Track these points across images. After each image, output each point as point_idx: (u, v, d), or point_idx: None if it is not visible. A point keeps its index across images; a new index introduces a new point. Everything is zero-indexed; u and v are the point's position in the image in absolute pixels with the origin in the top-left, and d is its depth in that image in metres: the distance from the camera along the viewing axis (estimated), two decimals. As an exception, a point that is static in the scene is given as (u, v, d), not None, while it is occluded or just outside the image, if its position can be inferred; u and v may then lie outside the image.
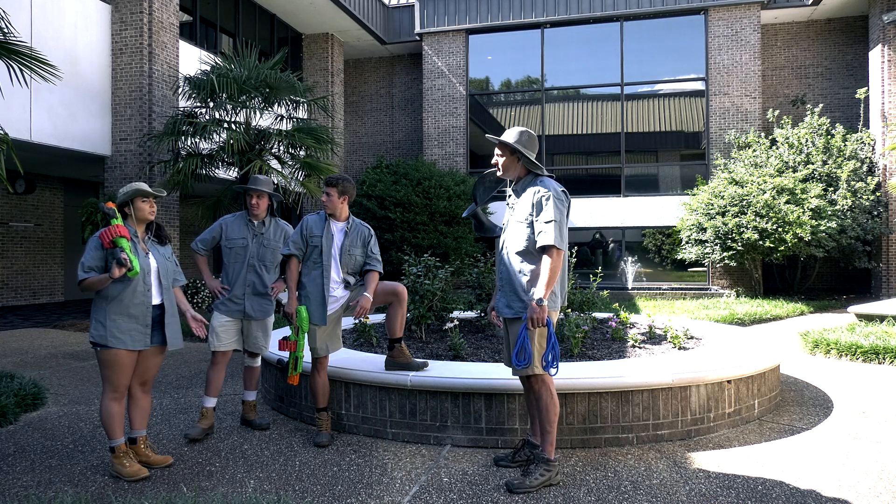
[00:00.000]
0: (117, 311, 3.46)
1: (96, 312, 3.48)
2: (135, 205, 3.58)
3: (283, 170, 10.41)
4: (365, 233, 4.22)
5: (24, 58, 5.45)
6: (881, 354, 6.61)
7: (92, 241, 3.49)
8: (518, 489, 3.25)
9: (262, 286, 4.36)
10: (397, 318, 4.19)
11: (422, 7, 16.68)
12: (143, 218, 3.61)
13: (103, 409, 3.50)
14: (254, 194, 4.37)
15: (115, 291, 3.45)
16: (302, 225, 4.12)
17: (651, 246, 15.39)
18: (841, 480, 3.41)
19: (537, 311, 3.16)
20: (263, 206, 4.40)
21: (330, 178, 4.12)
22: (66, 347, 7.94)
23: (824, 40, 15.66)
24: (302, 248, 4.08)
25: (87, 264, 3.44)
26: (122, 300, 3.46)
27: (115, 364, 3.46)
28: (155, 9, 10.40)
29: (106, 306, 3.46)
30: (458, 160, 16.54)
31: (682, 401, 4.10)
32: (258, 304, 4.37)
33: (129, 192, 3.56)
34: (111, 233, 3.41)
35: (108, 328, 3.43)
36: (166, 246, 3.77)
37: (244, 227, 4.39)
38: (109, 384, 3.49)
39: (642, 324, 6.40)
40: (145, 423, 3.69)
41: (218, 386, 4.33)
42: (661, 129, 15.69)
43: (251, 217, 4.40)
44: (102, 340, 3.43)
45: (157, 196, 3.67)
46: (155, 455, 3.67)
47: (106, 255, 3.46)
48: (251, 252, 4.34)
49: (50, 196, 13.56)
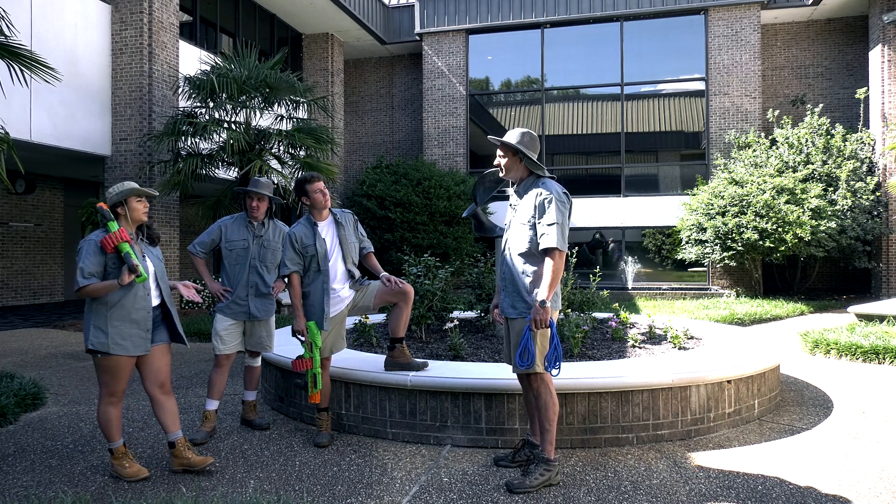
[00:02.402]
0: (119, 316, 3.37)
1: (95, 319, 3.37)
2: (129, 205, 3.46)
3: (283, 170, 10.41)
4: (350, 218, 4.28)
5: (24, 60, 5.46)
6: (881, 354, 6.61)
7: (89, 246, 3.36)
8: (518, 489, 3.25)
9: (264, 287, 4.36)
10: (401, 319, 4.19)
11: (422, 7, 16.68)
12: (137, 219, 3.50)
13: (101, 414, 3.46)
14: (254, 197, 4.36)
15: (115, 297, 3.36)
16: (290, 239, 4.03)
17: (651, 246, 15.39)
18: (841, 480, 3.41)
19: (541, 313, 3.18)
20: (263, 208, 4.40)
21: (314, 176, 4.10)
22: (66, 347, 7.94)
23: (824, 40, 15.66)
24: (300, 262, 4.03)
25: (88, 270, 3.31)
26: (124, 305, 3.38)
27: (115, 370, 3.41)
28: (155, 9, 10.40)
29: (106, 312, 3.36)
30: (458, 160, 16.54)
31: (682, 401, 4.10)
32: (262, 304, 4.37)
33: (123, 191, 3.44)
34: (114, 238, 3.30)
35: (109, 335, 3.34)
36: (156, 247, 3.70)
37: (244, 228, 4.38)
38: (107, 389, 3.44)
39: (642, 324, 6.40)
40: (178, 424, 3.58)
41: (221, 389, 4.33)
42: (661, 129, 15.69)
43: (251, 219, 4.40)
44: (104, 348, 3.34)
45: (152, 196, 3.60)
46: (195, 456, 3.56)
47: (105, 261, 3.36)
48: (252, 253, 4.34)
49: (50, 196, 13.56)
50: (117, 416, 3.48)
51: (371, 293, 4.19)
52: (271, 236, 4.45)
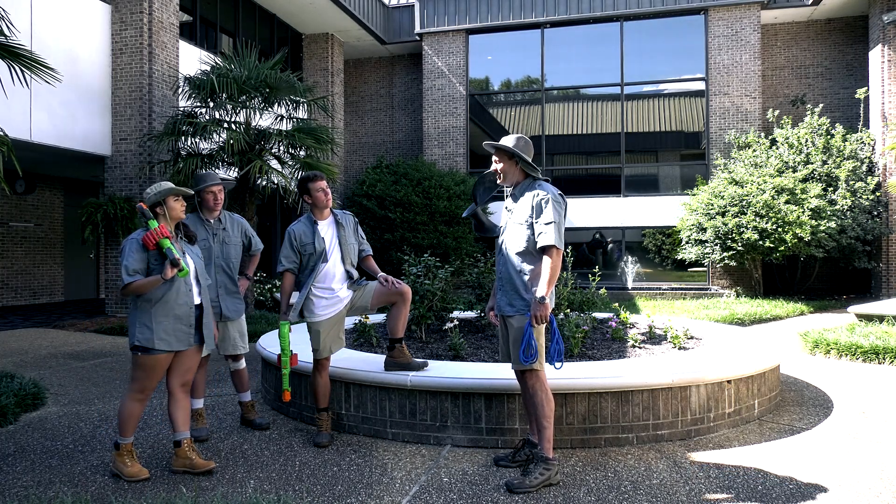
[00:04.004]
0: (163, 312, 3.44)
1: (140, 316, 3.43)
2: (167, 204, 3.54)
3: (283, 170, 10.41)
4: (351, 219, 4.28)
5: (24, 60, 5.46)
6: (881, 354, 6.61)
7: (131, 245, 3.44)
8: (518, 489, 3.26)
9: (232, 285, 4.32)
10: (400, 319, 4.18)
11: (422, 7, 16.68)
12: (175, 217, 3.58)
13: (125, 408, 3.48)
14: (213, 190, 4.24)
15: (159, 293, 3.43)
16: (290, 237, 4.06)
17: (651, 246, 15.39)
18: (841, 480, 3.41)
19: (540, 309, 3.24)
20: (223, 196, 4.30)
21: (317, 175, 4.10)
22: (66, 347, 7.94)
23: (824, 40, 15.66)
24: (296, 260, 4.07)
25: (132, 267, 3.38)
26: (168, 301, 3.44)
27: (154, 367, 3.46)
28: (155, 9, 10.40)
29: (150, 309, 3.42)
30: (458, 160, 16.54)
31: (682, 401, 4.10)
32: (233, 303, 4.32)
33: (161, 191, 3.53)
34: (155, 234, 3.38)
35: (154, 331, 3.40)
36: (195, 245, 3.78)
37: (201, 228, 4.25)
38: (139, 385, 3.48)
39: (642, 324, 6.40)
40: (188, 424, 3.65)
41: (203, 387, 4.32)
42: (661, 129, 15.69)
43: (207, 216, 4.28)
44: (149, 344, 3.40)
45: (189, 195, 3.70)
46: (199, 458, 3.59)
47: (148, 258, 3.43)
48: (216, 252, 4.24)
49: (50, 196, 13.55)
50: (139, 413, 3.53)
51: (369, 293, 4.19)
52: (231, 231, 4.36)
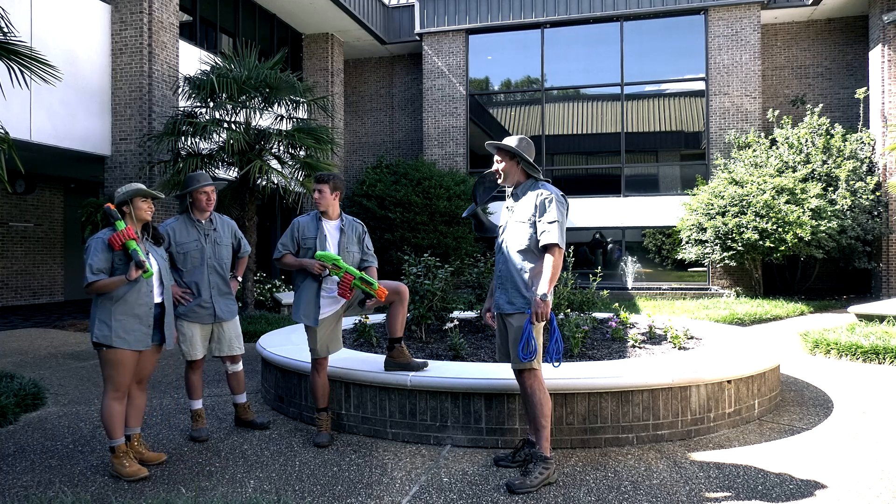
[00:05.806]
0: (123, 311, 3.49)
1: (100, 313, 3.49)
2: (134, 204, 3.59)
3: (283, 170, 10.41)
4: (359, 229, 4.24)
5: (24, 58, 5.45)
6: (881, 354, 6.61)
7: (96, 244, 3.48)
8: (518, 489, 3.26)
9: (225, 286, 4.31)
10: (398, 318, 4.18)
11: (422, 7, 16.67)
12: (141, 218, 3.62)
13: (105, 409, 3.52)
14: (206, 190, 4.23)
15: (120, 292, 3.49)
16: (293, 227, 4.08)
17: (651, 246, 15.39)
18: (841, 480, 3.41)
19: (541, 306, 3.26)
20: (214, 197, 4.30)
21: (320, 175, 4.10)
22: (66, 347, 7.94)
23: (824, 40, 15.66)
24: (292, 250, 4.07)
25: (96, 266, 3.44)
26: (128, 301, 3.50)
27: (118, 364, 3.50)
28: (155, 9, 10.40)
29: (111, 307, 3.48)
30: (458, 160, 16.53)
31: (682, 401, 4.10)
32: (226, 304, 4.30)
33: (129, 191, 3.58)
34: (122, 236, 3.42)
35: (113, 328, 3.46)
36: (161, 246, 3.82)
37: (192, 229, 4.22)
38: (112, 384, 3.52)
39: (642, 324, 6.40)
40: (140, 421, 3.75)
41: (200, 388, 4.29)
42: (661, 129, 15.68)
43: (199, 217, 4.26)
44: (107, 341, 3.45)
45: (157, 197, 3.70)
46: (149, 452, 3.74)
47: (113, 258, 3.48)
48: (208, 253, 4.23)
49: (50, 196, 13.55)
50: (121, 411, 3.55)
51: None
52: (222, 232, 4.35)
